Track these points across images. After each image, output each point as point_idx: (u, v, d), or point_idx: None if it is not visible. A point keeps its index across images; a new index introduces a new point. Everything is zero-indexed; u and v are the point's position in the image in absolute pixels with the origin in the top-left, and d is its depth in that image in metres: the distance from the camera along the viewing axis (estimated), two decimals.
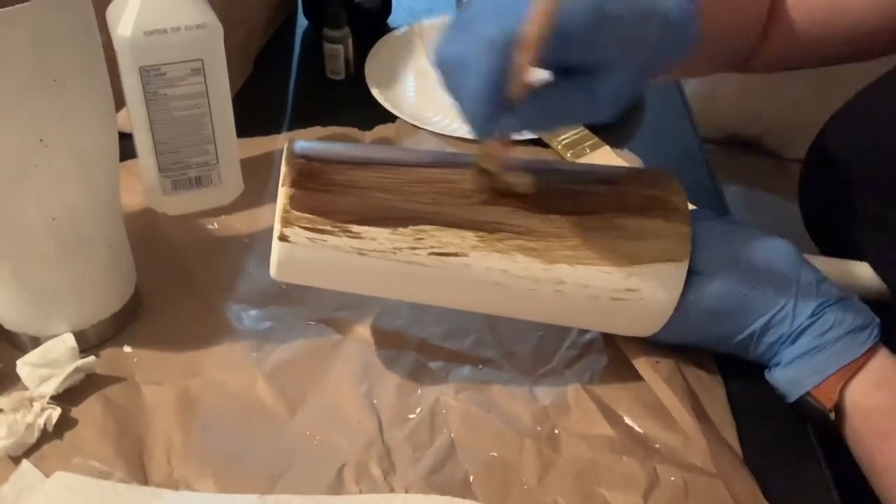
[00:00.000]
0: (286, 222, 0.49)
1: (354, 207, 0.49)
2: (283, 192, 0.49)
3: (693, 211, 0.54)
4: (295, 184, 0.49)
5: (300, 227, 0.49)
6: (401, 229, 0.49)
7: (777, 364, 0.53)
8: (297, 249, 0.49)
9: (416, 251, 0.49)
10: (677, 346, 0.56)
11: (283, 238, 0.49)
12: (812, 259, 0.56)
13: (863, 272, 0.62)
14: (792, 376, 0.52)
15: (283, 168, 0.50)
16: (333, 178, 0.50)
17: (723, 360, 0.57)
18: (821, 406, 0.51)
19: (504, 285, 0.50)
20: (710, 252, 0.52)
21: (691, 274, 0.52)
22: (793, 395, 0.52)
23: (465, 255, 0.50)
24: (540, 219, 0.50)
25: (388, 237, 0.49)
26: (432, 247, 0.49)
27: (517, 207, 0.50)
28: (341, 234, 0.49)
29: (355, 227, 0.49)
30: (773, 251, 0.53)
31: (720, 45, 0.64)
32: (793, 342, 0.52)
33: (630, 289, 0.51)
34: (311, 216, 0.49)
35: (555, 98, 0.46)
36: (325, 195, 0.49)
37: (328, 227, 0.49)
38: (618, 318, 0.53)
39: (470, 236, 0.49)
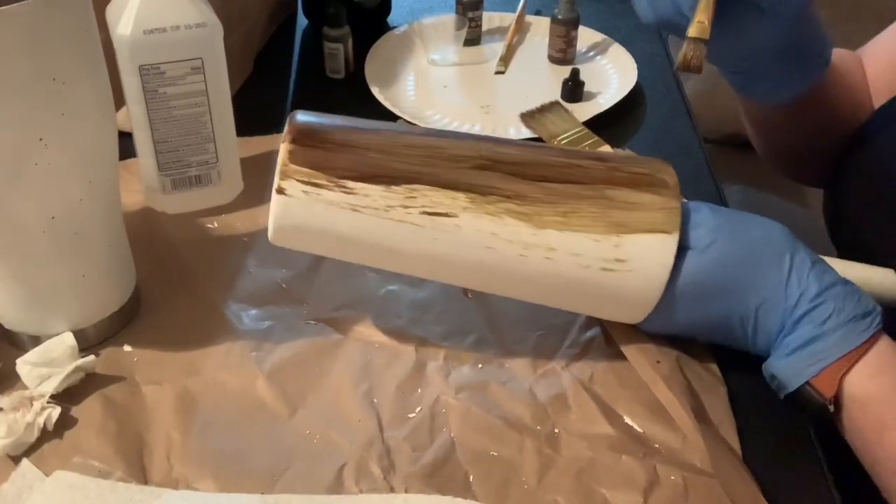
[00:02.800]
0: (284, 175, 0.51)
1: (350, 164, 0.51)
2: (282, 148, 0.51)
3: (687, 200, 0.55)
4: (294, 140, 0.51)
5: (297, 180, 0.50)
6: (394, 187, 0.51)
7: (776, 354, 0.52)
8: (293, 203, 0.51)
9: (408, 210, 0.51)
10: (677, 342, 0.56)
11: (280, 191, 0.51)
12: (829, 262, 0.54)
13: (886, 278, 0.59)
14: (791, 365, 0.51)
15: (286, 128, 0.52)
16: (332, 137, 0.52)
17: (723, 360, 0.57)
18: (820, 396, 0.50)
19: (493, 250, 0.51)
20: (702, 228, 0.53)
21: (683, 249, 0.52)
22: (791, 385, 0.51)
23: (455, 215, 0.51)
24: (531, 185, 0.52)
25: (381, 194, 0.51)
26: (424, 206, 0.51)
27: (508, 174, 0.52)
28: (336, 188, 0.50)
29: (350, 183, 0.51)
30: (768, 232, 0.53)
31: (831, 124, 0.68)
32: (791, 331, 0.51)
33: (619, 258, 0.51)
34: (307, 170, 0.51)
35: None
36: (323, 152, 0.51)
37: (324, 182, 0.51)
38: (609, 293, 0.53)
39: (461, 197, 0.51)
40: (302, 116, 0.53)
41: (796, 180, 0.81)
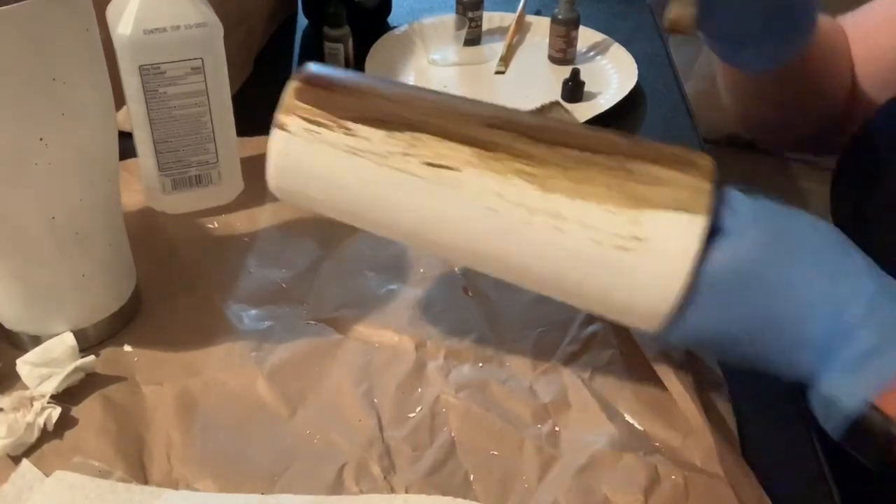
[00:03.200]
0: (287, 110, 0.50)
1: (354, 106, 0.50)
2: (289, 85, 0.50)
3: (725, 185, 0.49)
4: (303, 80, 0.50)
5: (299, 115, 0.49)
6: (396, 133, 0.48)
7: (825, 371, 0.44)
8: (292, 141, 0.49)
9: (409, 158, 0.48)
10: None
11: (280, 126, 0.50)
12: None
13: None
14: (847, 382, 0.42)
15: (295, 70, 0.51)
16: (340, 80, 0.51)
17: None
18: (884, 419, 0.41)
19: (496, 212, 0.47)
20: (740, 215, 0.45)
21: (715, 234, 0.45)
22: (849, 407, 0.42)
23: (458, 169, 0.48)
24: (545, 148, 0.48)
25: (382, 139, 0.48)
26: (426, 156, 0.48)
27: (522, 135, 0.48)
28: (337, 129, 0.49)
29: (351, 125, 0.49)
30: (815, 223, 0.46)
31: (816, 94, 0.66)
32: (845, 341, 0.42)
33: (637, 236, 0.45)
34: (310, 107, 0.49)
35: None
36: (329, 93, 0.50)
37: (325, 121, 0.49)
38: (623, 279, 0.46)
39: (466, 151, 0.48)
40: (315, 64, 0.52)
41: (773, 148, 0.78)
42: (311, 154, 0.49)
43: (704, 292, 0.45)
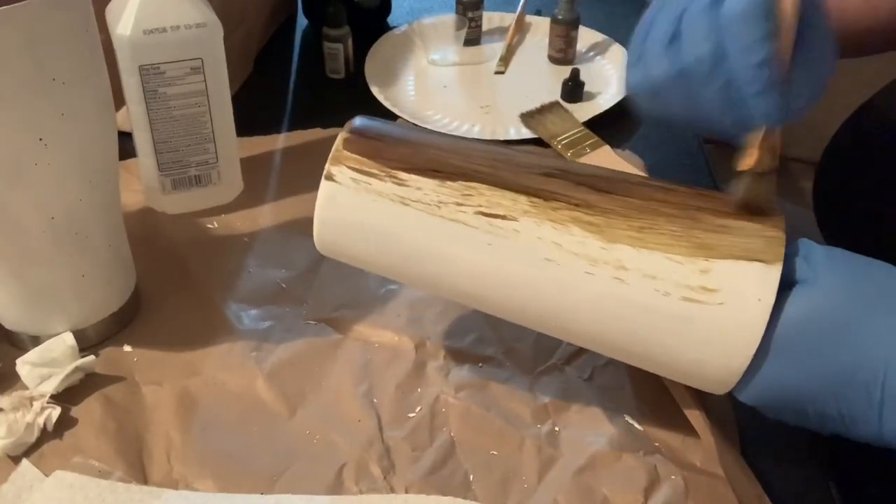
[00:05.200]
0: (335, 161, 0.48)
1: (404, 156, 0.48)
2: (339, 137, 0.49)
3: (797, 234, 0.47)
4: (353, 131, 0.49)
5: (347, 166, 0.48)
6: (449, 182, 0.47)
7: None
8: (340, 191, 0.48)
9: (462, 208, 0.46)
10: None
11: (329, 177, 0.48)
12: None
13: None
14: None
15: (346, 125, 0.50)
16: (389, 132, 0.50)
17: None
18: None
19: (555, 263, 0.45)
20: (814, 263, 0.43)
21: (789, 285, 0.42)
22: None
23: (514, 218, 0.45)
24: (604, 196, 0.45)
25: (434, 188, 0.47)
26: (480, 205, 0.46)
27: (580, 184, 0.46)
28: (387, 178, 0.47)
29: (402, 174, 0.47)
30: (891, 269, 0.43)
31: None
32: None
33: (706, 287, 0.43)
34: (360, 157, 0.48)
35: (812, 50, 0.42)
36: (378, 142, 0.49)
37: (374, 171, 0.48)
38: (693, 333, 0.44)
39: (523, 200, 0.46)
40: (363, 118, 0.51)
41: None
42: (360, 204, 0.48)
43: (780, 346, 0.42)
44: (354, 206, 0.48)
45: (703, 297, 0.43)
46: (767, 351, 0.42)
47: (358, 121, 0.51)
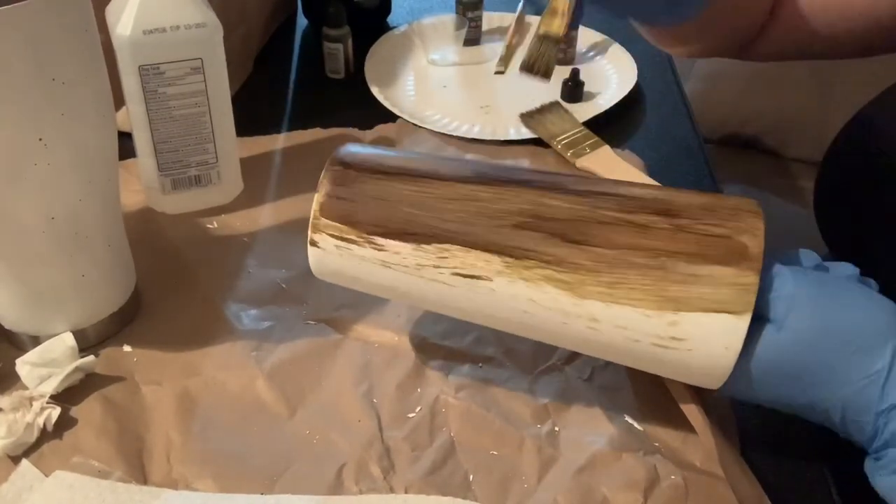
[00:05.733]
0: (315, 228, 0.51)
1: (381, 220, 0.50)
2: (315, 198, 0.51)
3: (777, 255, 0.48)
4: (327, 192, 0.51)
5: (328, 234, 0.50)
6: (424, 246, 0.49)
7: (877, 467, 0.44)
8: (326, 256, 0.51)
9: (440, 270, 0.49)
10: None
11: (312, 244, 0.51)
12: None
13: None
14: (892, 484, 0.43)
15: (322, 173, 0.51)
16: (365, 189, 0.50)
17: None
18: None
19: (532, 314, 0.48)
20: (784, 300, 0.44)
21: (760, 321, 0.45)
22: None
23: (489, 279, 0.48)
24: (575, 249, 0.47)
25: (411, 252, 0.49)
26: (456, 267, 0.48)
27: (551, 235, 0.47)
28: (366, 245, 0.50)
29: (380, 240, 0.49)
30: (869, 312, 0.44)
31: (727, 15, 0.62)
32: (893, 440, 0.43)
33: (675, 337, 0.45)
34: (338, 224, 0.50)
35: None
36: (354, 205, 0.50)
37: (354, 237, 0.50)
38: (666, 368, 0.48)
39: (496, 260, 0.48)
40: (343, 155, 0.52)
41: (755, 58, 0.71)
42: (347, 265, 0.51)
43: (750, 377, 0.45)
44: (342, 266, 0.51)
45: (672, 345, 0.46)
46: (739, 377, 0.45)
47: (333, 170, 0.51)
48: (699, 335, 0.45)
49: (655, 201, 0.48)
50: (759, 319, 0.45)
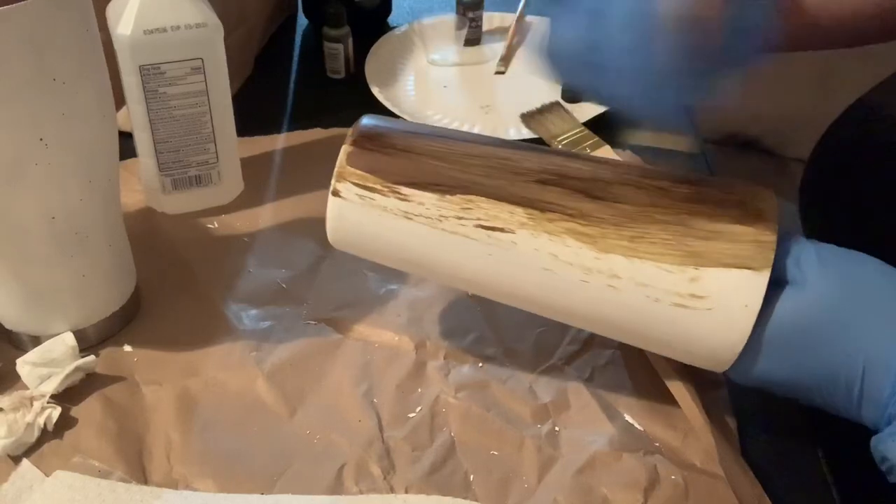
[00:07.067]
0: (340, 177, 0.50)
1: (406, 170, 0.50)
2: (342, 150, 0.51)
3: (792, 231, 0.48)
4: (355, 143, 0.51)
5: (352, 182, 0.50)
6: (448, 196, 0.49)
7: (888, 425, 0.43)
8: (347, 206, 0.50)
9: (462, 221, 0.48)
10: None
11: (335, 193, 0.50)
12: None
13: None
14: None
15: (349, 131, 0.52)
16: (392, 142, 0.51)
17: None
18: None
19: (552, 272, 0.48)
20: (804, 262, 0.45)
21: (779, 285, 0.45)
22: None
23: (511, 231, 0.48)
24: (599, 204, 0.47)
25: (435, 203, 0.49)
26: (479, 218, 0.48)
27: (574, 191, 0.48)
28: (390, 194, 0.49)
29: (404, 189, 0.49)
30: (884, 273, 0.45)
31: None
32: None
33: (695, 294, 0.45)
34: (363, 173, 0.50)
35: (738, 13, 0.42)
36: (381, 156, 0.50)
37: (378, 186, 0.50)
38: (683, 334, 0.47)
39: (519, 212, 0.48)
40: (367, 120, 0.53)
41: None
42: (366, 219, 0.50)
43: (768, 344, 0.45)
44: (361, 219, 0.50)
45: (692, 304, 0.45)
46: (756, 346, 0.45)
47: (360, 127, 0.52)
48: (719, 291, 0.45)
49: (675, 172, 0.49)
50: (777, 284, 0.44)
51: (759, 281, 0.44)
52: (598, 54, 0.43)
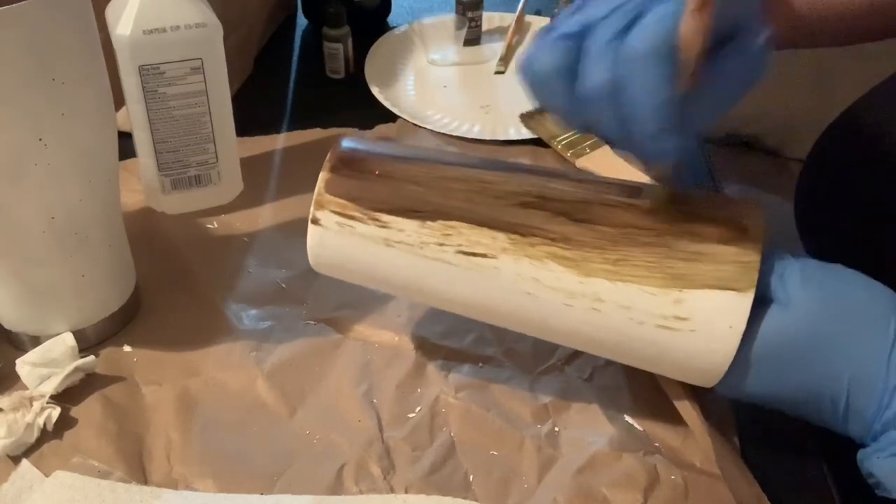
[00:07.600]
0: (319, 205, 0.50)
1: (385, 196, 0.49)
2: (320, 177, 0.50)
3: (774, 251, 0.47)
4: (333, 169, 0.50)
5: (331, 210, 0.50)
6: (429, 223, 0.48)
7: (874, 448, 0.44)
8: (327, 234, 0.50)
9: (444, 247, 0.48)
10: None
11: (314, 221, 0.50)
12: None
13: None
14: (890, 468, 0.42)
15: (328, 155, 0.51)
16: (371, 167, 0.50)
17: None
18: None
19: (535, 297, 0.47)
20: (788, 281, 0.45)
21: (764, 303, 0.45)
22: (892, 492, 0.42)
23: (493, 256, 0.47)
24: (581, 227, 0.47)
25: (415, 230, 0.48)
26: (460, 244, 0.48)
27: (556, 214, 0.47)
28: (370, 221, 0.49)
29: (384, 217, 0.49)
30: (870, 291, 0.45)
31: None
32: (894, 419, 0.42)
33: (679, 316, 0.45)
34: (342, 201, 0.49)
35: (721, 74, 0.42)
36: (360, 182, 0.50)
37: (357, 214, 0.49)
38: (668, 354, 0.47)
39: (501, 237, 0.47)
40: (346, 143, 0.52)
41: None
42: (347, 246, 0.50)
43: (754, 362, 0.45)
44: (342, 247, 0.50)
45: (676, 325, 0.45)
46: (742, 364, 0.45)
47: (339, 151, 0.51)
48: (703, 312, 0.44)
49: (658, 190, 0.48)
50: (762, 302, 0.45)
51: (743, 302, 0.44)
52: (573, 84, 0.43)
